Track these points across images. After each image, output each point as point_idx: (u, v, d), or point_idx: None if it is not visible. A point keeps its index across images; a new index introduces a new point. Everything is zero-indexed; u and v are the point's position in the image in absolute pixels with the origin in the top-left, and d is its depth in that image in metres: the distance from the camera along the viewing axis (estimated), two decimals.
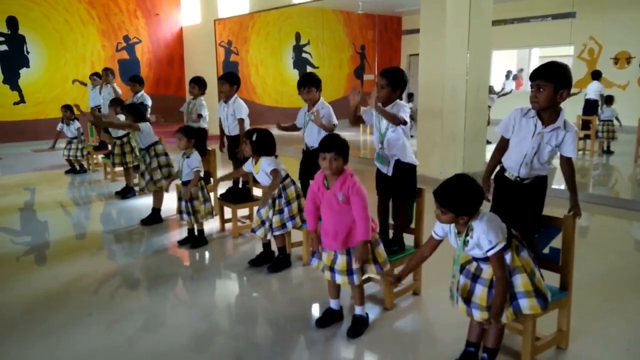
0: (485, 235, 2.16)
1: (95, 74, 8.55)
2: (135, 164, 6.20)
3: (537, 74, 2.47)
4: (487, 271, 2.27)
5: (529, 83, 2.55)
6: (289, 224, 3.71)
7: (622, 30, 8.81)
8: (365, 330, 2.90)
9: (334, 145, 2.70)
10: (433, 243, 2.44)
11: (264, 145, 3.69)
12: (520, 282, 2.23)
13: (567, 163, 2.64)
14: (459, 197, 2.17)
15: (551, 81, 2.43)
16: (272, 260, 3.89)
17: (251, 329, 3.01)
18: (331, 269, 2.78)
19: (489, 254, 2.17)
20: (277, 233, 3.72)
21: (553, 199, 2.68)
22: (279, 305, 3.32)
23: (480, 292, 2.26)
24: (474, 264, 2.32)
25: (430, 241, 2.45)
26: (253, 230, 3.82)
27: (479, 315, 2.27)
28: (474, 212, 2.20)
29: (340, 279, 2.77)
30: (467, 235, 2.22)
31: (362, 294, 2.92)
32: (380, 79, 3.19)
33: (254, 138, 3.65)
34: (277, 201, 3.72)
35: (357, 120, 3.38)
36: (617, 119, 8.35)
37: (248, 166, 3.85)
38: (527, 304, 2.22)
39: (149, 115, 7.07)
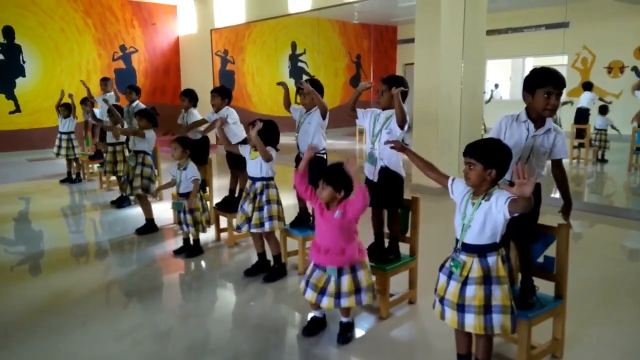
0: (504, 195, 2.10)
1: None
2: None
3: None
4: (463, 266, 2.21)
5: (522, 92, 2.58)
6: (267, 225, 3.68)
7: (615, 39, 8.87)
8: (354, 336, 2.91)
9: (325, 173, 2.74)
10: (444, 180, 2.40)
11: (268, 135, 3.65)
12: (499, 294, 2.15)
13: (558, 167, 2.64)
14: (490, 148, 2.21)
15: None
16: (268, 270, 3.88)
17: (246, 339, 3.00)
18: (337, 295, 2.70)
19: (509, 200, 2.07)
20: (253, 230, 3.71)
21: (547, 207, 2.69)
22: (274, 315, 3.32)
23: (454, 288, 2.21)
24: (450, 259, 2.27)
25: (444, 177, 2.41)
26: (238, 228, 3.81)
27: (449, 316, 2.22)
28: (501, 169, 2.19)
29: (347, 301, 2.71)
30: (483, 198, 2.19)
31: (349, 308, 2.91)
32: (380, 85, 3.24)
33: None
34: (258, 198, 3.71)
35: (353, 113, 3.42)
36: (614, 127, 8.39)
37: (245, 150, 3.82)
38: (500, 321, 2.14)
39: None
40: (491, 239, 2.19)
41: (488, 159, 2.18)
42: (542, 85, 2.47)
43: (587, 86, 8.71)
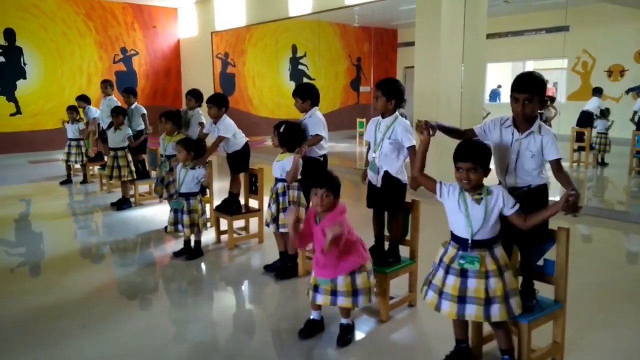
0: (507, 195, 2.33)
1: (80, 99, 8.27)
2: (129, 178, 6.20)
3: (526, 87, 2.47)
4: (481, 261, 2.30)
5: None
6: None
7: (615, 43, 8.89)
8: (353, 338, 2.91)
9: (326, 181, 2.71)
10: (431, 185, 2.52)
11: (291, 138, 3.71)
12: (509, 279, 2.34)
13: (557, 168, 2.53)
14: (484, 150, 2.36)
15: (537, 93, 2.46)
16: (280, 267, 3.94)
17: (246, 341, 3.00)
18: (333, 292, 2.74)
19: (513, 210, 2.31)
20: (282, 230, 3.79)
21: None
22: (273, 317, 3.32)
23: (453, 282, 2.30)
24: (458, 257, 2.33)
25: (431, 181, 2.53)
26: (267, 225, 3.90)
27: (447, 307, 2.29)
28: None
29: (343, 300, 2.73)
30: (481, 194, 2.33)
31: (348, 309, 2.91)
32: (375, 91, 3.27)
33: (281, 130, 3.69)
34: (281, 199, 3.79)
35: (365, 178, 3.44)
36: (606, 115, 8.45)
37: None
38: (514, 305, 2.32)
39: (143, 127, 7.09)
40: (495, 232, 2.33)
41: (486, 161, 2.36)
42: (511, 92, 2.52)
43: (597, 92, 8.72)
